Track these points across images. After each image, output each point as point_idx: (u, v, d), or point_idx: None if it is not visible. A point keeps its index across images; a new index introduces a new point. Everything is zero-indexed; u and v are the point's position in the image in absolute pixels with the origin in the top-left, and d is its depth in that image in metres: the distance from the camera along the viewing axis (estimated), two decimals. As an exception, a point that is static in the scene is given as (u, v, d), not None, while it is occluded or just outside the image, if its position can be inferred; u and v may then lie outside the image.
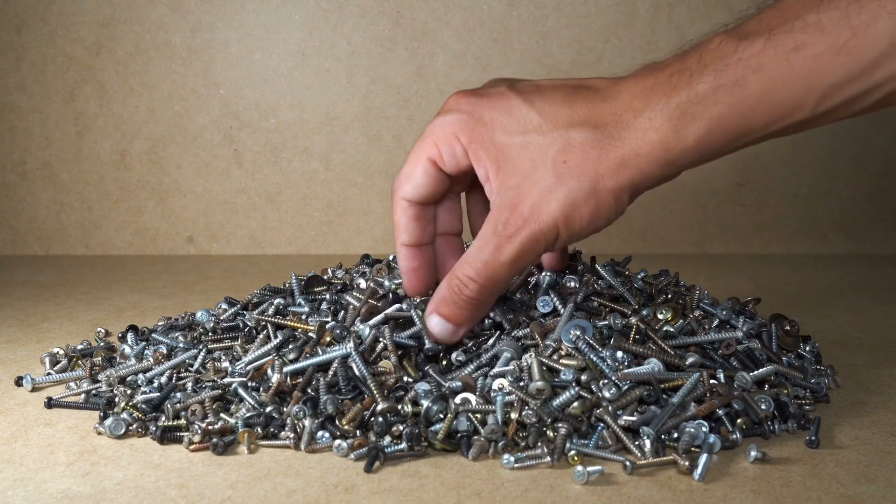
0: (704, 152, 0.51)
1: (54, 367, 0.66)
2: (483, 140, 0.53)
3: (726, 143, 0.51)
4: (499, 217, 0.52)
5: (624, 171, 0.51)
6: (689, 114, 0.49)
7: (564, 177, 0.51)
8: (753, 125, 0.50)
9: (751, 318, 0.65)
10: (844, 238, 1.21)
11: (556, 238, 0.52)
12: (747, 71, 0.48)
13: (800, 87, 0.48)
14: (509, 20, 1.15)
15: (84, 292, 0.96)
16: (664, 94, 0.50)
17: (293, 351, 0.57)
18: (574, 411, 0.50)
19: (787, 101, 0.49)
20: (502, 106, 0.54)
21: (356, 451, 0.49)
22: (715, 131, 0.50)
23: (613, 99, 0.52)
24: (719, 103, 0.49)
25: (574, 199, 0.51)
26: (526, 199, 0.52)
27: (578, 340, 0.54)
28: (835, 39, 0.46)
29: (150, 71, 1.17)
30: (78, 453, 0.50)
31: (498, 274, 0.53)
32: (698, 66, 0.50)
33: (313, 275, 0.72)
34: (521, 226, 0.52)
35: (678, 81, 0.50)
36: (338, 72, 1.17)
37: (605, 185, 0.51)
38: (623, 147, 0.51)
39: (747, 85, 0.48)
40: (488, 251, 0.52)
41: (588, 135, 0.51)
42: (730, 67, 0.48)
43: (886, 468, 0.48)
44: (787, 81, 0.48)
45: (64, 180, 1.20)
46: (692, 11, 1.14)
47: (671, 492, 0.45)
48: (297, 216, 1.20)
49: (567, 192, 0.51)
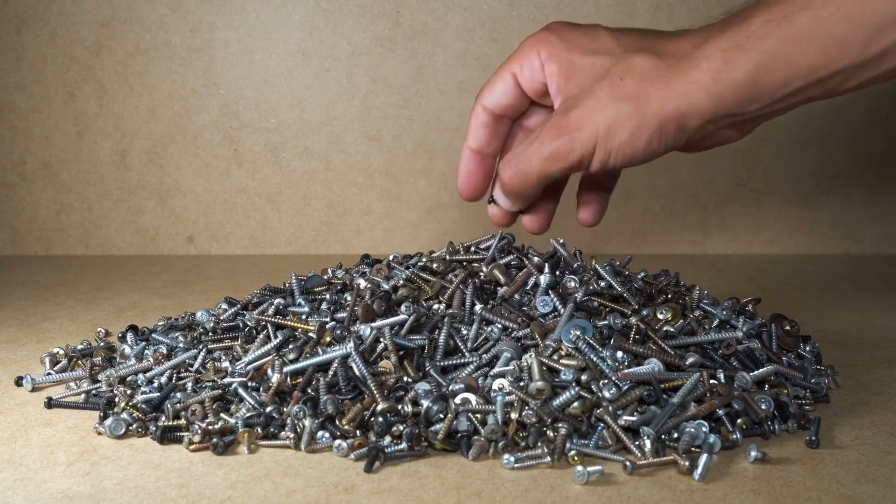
0: (754, 90, 0.52)
1: (54, 367, 0.66)
2: (560, 56, 0.57)
3: (776, 84, 0.52)
4: (551, 119, 0.56)
5: (672, 97, 0.53)
6: (741, 47, 0.52)
7: (617, 95, 0.54)
8: (802, 65, 0.51)
9: (751, 318, 0.65)
10: (844, 238, 1.21)
11: (593, 151, 0.54)
12: (795, 7, 0.50)
13: (845, 26, 0.49)
14: (509, 20, 1.15)
15: (84, 292, 0.96)
16: (720, 31, 0.53)
17: (293, 351, 0.57)
18: (574, 411, 0.50)
19: (833, 40, 0.50)
20: (588, 32, 0.58)
21: (356, 451, 0.49)
22: (764, 66, 0.51)
23: (681, 37, 0.56)
24: (769, 37, 0.51)
25: (619, 114, 0.53)
26: (578, 107, 0.55)
27: (578, 340, 0.54)
28: None
29: (150, 71, 1.17)
30: (78, 453, 0.50)
31: (532, 168, 0.56)
32: (753, 8, 0.53)
33: (313, 275, 0.72)
34: (564, 129, 0.55)
35: (733, 21, 0.53)
36: (338, 72, 1.17)
37: (652, 108, 0.53)
38: (677, 74, 0.53)
39: (795, 19, 0.50)
40: (531, 145, 0.56)
41: (649, 61, 0.54)
42: (779, 5, 0.51)
43: (886, 468, 0.48)
44: (833, 19, 0.49)
45: (64, 180, 1.20)
46: (692, 11, 1.14)
47: (671, 492, 0.45)
48: (297, 216, 1.20)
49: (615, 108, 0.54)
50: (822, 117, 1.18)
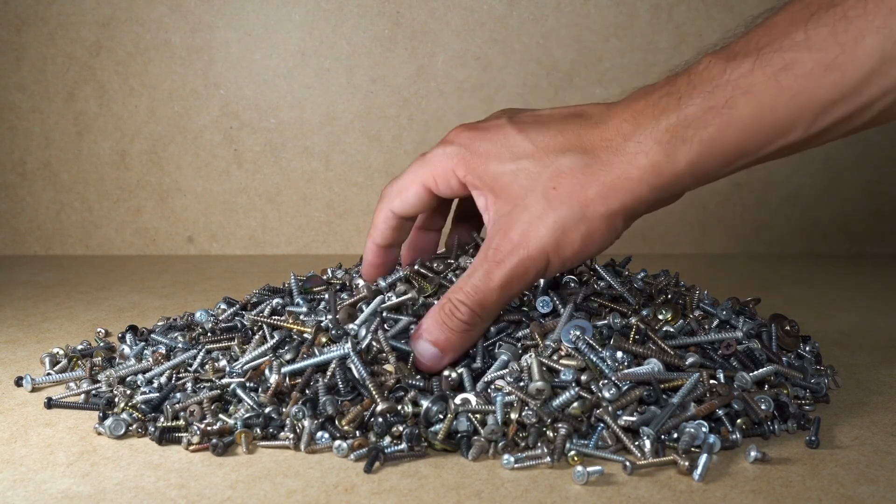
0: (698, 175, 0.50)
1: (54, 367, 0.66)
2: (479, 171, 0.54)
3: (720, 165, 0.50)
4: (490, 243, 0.53)
5: (614, 195, 0.51)
6: (679, 136, 0.49)
7: (554, 203, 0.51)
8: (747, 147, 0.49)
9: (751, 318, 0.65)
10: (844, 238, 1.21)
11: (547, 265, 0.52)
12: (737, 92, 0.48)
13: (791, 107, 0.47)
14: (509, 20, 1.15)
15: (84, 292, 0.96)
16: (653, 117, 0.50)
17: (290, 351, 0.57)
18: (574, 411, 0.50)
19: (779, 122, 0.48)
20: (498, 137, 0.55)
21: (356, 451, 0.49)
22: (707, 154, 0.49)
23: (604, 124, 0.52)
24: (710, 125, 0.48)
25: (563, 225, 0.51)
26: (516, 225, 0.52)
27: (578, 341, 0.54)
28: (823, 56, 0.46)
29: (150, 71, 1.17)
30: (78, 453, 0.50)
31: (488, 299, 0.53)
32: (687, 89, 0.49)
33: (312, 274, 0.72)
34: (510, 251, 0.52)
35: (667, 104, 0.50)
36: (338, 72, 1.17)
37: (595, 210, 0.51)
38: (613, 172, 0.51)
39: (737, 106, 0.48)
40: (479, 276, 0.53)
41: (577, 160, 0.52)
42: (719, 89, 0.48)
43: (886, 468, 0.48)
44: (778, 101, 0.47)
45: (64, 180, 1.20)
46: (692, 11, 1.14)
47: (671, 492, 0.45)
48: (297, 216, 1.20)
49: (556, 219, 0.51)
50: (822, 117, 1.18)
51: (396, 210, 0.60)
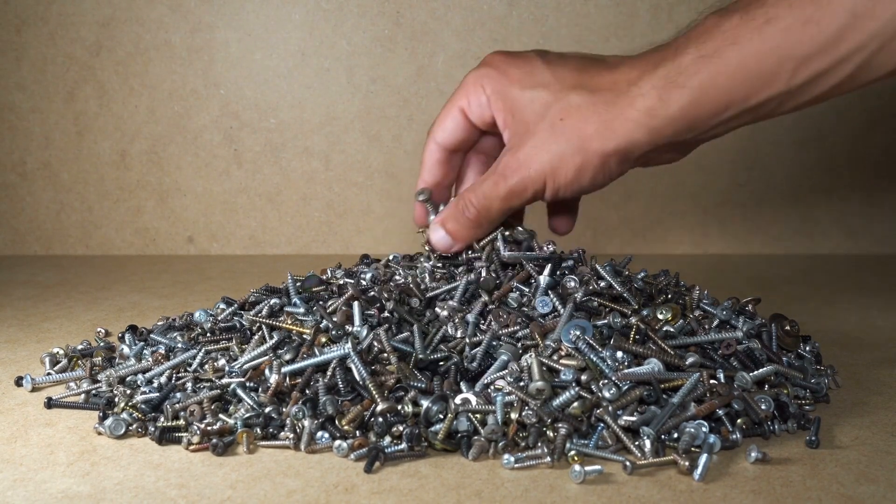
0: (689, 121, 0.55)
1: (54, 367, 0.66)
2: (503, 91, 0.60)
3: (711, 114, 0.55)
4: (502, 157, 0.60)
5: (611, 134, 0.56)
6: (673, 82, 0.54)
7: (558, 133, 0.57)
8: (734, 96, 0.53)
9: (751, 318, 0.64)
10: (844, 238, 1.21)
11: (544, 187, 0.59)
12: (725, 42, 0.53)
13: (773, 59, 0.52)
14: (509, 20, 1.15)
15: (84, 292, 0.96)
16: (654, 64, 0.55)
17: (290, 351, 0.57)
18: (574, 411, 0.50)
19: (762, 72, 0.52)
20: (525, 65, 0.60)
21: (356, 451, 0.49)
22: (697, 101, 0.54)
23: (616, 69, 0.57)
24: (700, 72, 0.53)
25: (562, 154, 0.57)
26: (524, 146, 0.59)
27: (578, 340, 0.54)
28: (800, 13, 0.50)
29: (150, 71, 1.17)
30: (78, 453, 0.50)
31: (493, 205, 0.60)
32: (684, 41, 0.55)
33: (311, 274, 0.72)
34: (515, 169, 0.59)
35: (666, 54, 0.55)
36: (338, 72, 1.17)
37: (591, 145, 0.57)
38: (613, 112, 0.56)
39: (725, 55, 0.53)
40: (488, 184, 0.60)
41: (586, 98, 0.57)
42: (710, 40, 0.53)
43: (886, 468, 0.48)
44: (761, 52, 0.52)
45: (64, 180, 1.20)
46: (692, 11, 1.14)
47: (671, 492, 0.45)
48: (297, 216, 1.20)
49: (557, 148, 0.57)
50: (821, 117, 1.18)
51: (440, 140, 0.65)
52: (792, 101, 0.54)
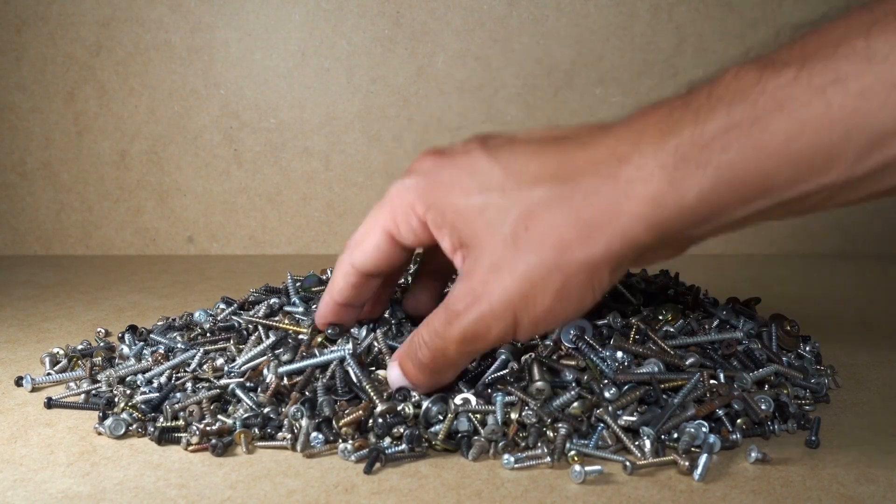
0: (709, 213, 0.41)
1: (54, 367, 0.66)
2: (440, 205, 0.46)
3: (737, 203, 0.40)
4: (453, 288, 0.46)
5: (599, 236, 0.41)
6: (692, 160, 0.39)
7: (524, 247, 0.43)
8: (774, 181, 0.39)
9: (751, 318, 0.65)
10: (843, 238, 1.21)
11: (515, 324, 0.44)
12: (771, 107, 0.38)
13: (838, 131, 0.37)
14: (509, 20, 1.15)
15: (84, 292, 0.96)
16: (660, 134, 0.40)
17: (288, 352, 0.57)
18: (574, 411, 0.50)
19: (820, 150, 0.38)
20: (465, 164, 0.46)
21: (357, 452, 0.49)
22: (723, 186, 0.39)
23: (594, 145, 0.43)
24: (731, 148, 0.39)
25: (532, 275, 0.43)
26: (478, 271, 0.44)
27: (578, 340, 0.54)
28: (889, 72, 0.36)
29: (150, 71, 1.17)
30: (78, 453, 0.50)
31: (448, 349, 0.47)
32: (707, 101, 0.40)
33: (311, 274, 0.72)
34: (470, 303, 0.44)
35: (680, 118, 0.40)
36: (338, 72, 1.17)
37: (573, 256, 0.42)
38: (598, 205, 0.41)
39: (769, 125, 0.38)
40: (439, 322, 0.46)
41: (555, 192, 0.42)
42: (748, 102, 0.38)
43: (886, 468, 0.48)
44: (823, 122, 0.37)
45: (64, 180, 1.20)
46: (692, 11, 1.14)
47: (671, 492, 0.45)
48: (297, 216, 1.20)
49: (525, 268, 0.43)
50: (822, 117, 1.18)
51: (357, 264, 0.51)
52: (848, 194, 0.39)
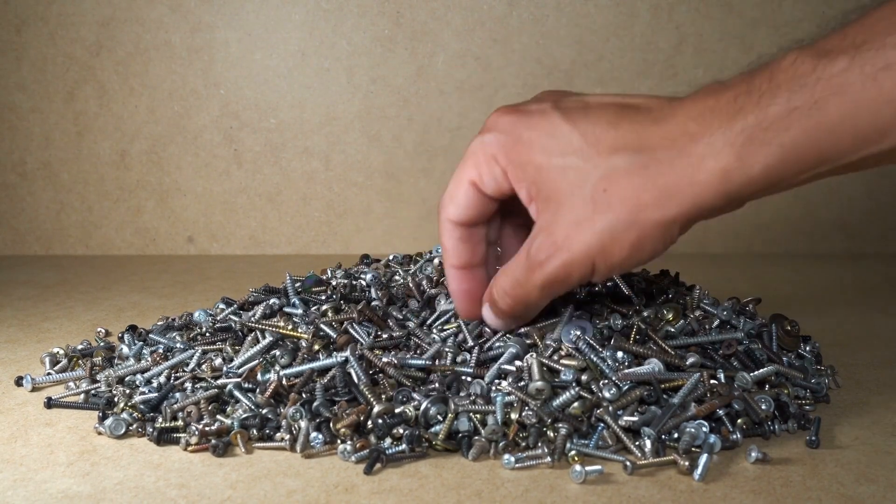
0: (771, 183, 0.46)
1: (54, 367, 0.66)
2: (522, 161, 0.50)
3: (797, 172, 0.45)
4: (532, 240, 0.50)
5: (673, 202, 0.47)
6: (758, 139, 0.44)
7: (603, 206, 0.47)
8: (831, 153, 0.44)
9: (751, 318, 0.64)
10: (844, 238, 1.21)
11: (593, 270, 0.49)
12: (827, 92, 0.43)
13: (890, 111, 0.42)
14: (509, 20, 1.15)
15: (84, 292, 0.96)
16: (728, 116, 0.45)
17: (286, 355, 0.57)
18: (574, 411, 0.50)
19: (873, 127, 0.43)
20: (543, 125, 0.50)
21: (357, 453, 0.49)
22: (786, 160, 0.44)
23: (666, 121, 0.47)
24: (793, 128, 0.44)
25: (612, 230, 0.47)
26: (561, 225, 0.49)
27: (579, 340, 0.54)
28: None
29: (150, 71, 1.17)
30: (78, 453, 0.50)
31: (529, 296, 0.51)
32: (769, 86, 0.44)
33: (311, 275, 0.72)
34: (552, 253, 0.49)
35: (745, 103, 0.45)
36: (338, 72, 1.17)
37: (648, 216, 0.47)
38: (673, 175, 0.46)
39: (827, 108, 0.43)
40: (520, 273, 0.51)
41: (633, 160, 0.47)
42: (807, 88, 0.43)
43: (886, 468, 0.48)
44: (876, 104, 0.42)
45: (64, 180, 1.20)
46: (692, 11, 1.14)
47: (671, 492, 0.45)
48: (297, 216, 1.20)
49: (605, 224, 0.47)
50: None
51: (453, 217, 0.54)
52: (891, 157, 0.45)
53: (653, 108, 0.49)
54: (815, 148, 0.44)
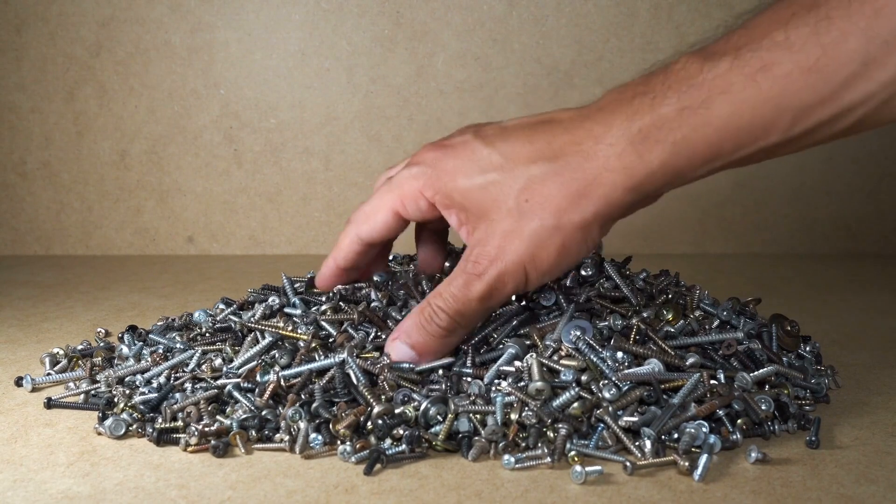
0: (672, 176, 0.49)
1: (54, 367, 0.66)
2: (447, 189, 0.54)
3: (695, 166, 0.49)
4: (469, 254, 0.53)
5: (587, 201, 0.50)
6: (652, 137, 0.48)
7: (527, 215, 0.51)
8: (722, 149, 0.48)
9: (751, 318, 0.64)
10: (844, 238, 1.21)
11: (525, 278, 0.52)
12: (713, 92, 0.47)
13: (769, 109, 0.46)
14: (509, 20, 1.15)
15: (84, 292, 0.96)
16: (626, 117, 0.49)
17: (285, 355, 0.57)
18: (574, 412, 0.50)
19: (755, 124, 0.47)
20: (464, 153, 0.53)
21: (357, 453, 0.49)
22: (680, 155, 0.48)
23: (574, 129, 0.51)
24: (683, 126, 0.47)
25: (538, 237, 0.51)
26: (493, 238, 0.52)
27: (579, 341, 0.54)
28: (804, 58, 0.45)
29: (150, 71, 1.17)
30: (78, 453, 0.50)
31: (468, 309, 0.53)
32: (662, 88, 0.48)
33: (312, 275, 0.72)
34: (488, 265, 0.52)
35: (640, 104, 0.49)
36: (338, 72, 1.17)
37: (569, 218, 0.50)
38: (584, 177, 0.50)
39: (713, 107, 0.47)
40: (458, 285, 0.53)
41: (548, 168, 0.50)
42: (694, 88, 0.47)
43: (886, 468, 0.48)
44: (755, 103, 0.46)
45: (64, 180, 1.20)
46: (692, 11, 1.14)
47: (671, 492, 0.45)
48: (297, 216, 1.20)
49: (531, 231, 0.51)
50: (822, 117, 1.18)
51: (364, 236, 0.60)
52: (787, 148, 0.49)
53: (563, 119, 0.52)
54: (706, 143, 0.48)
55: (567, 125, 0.51)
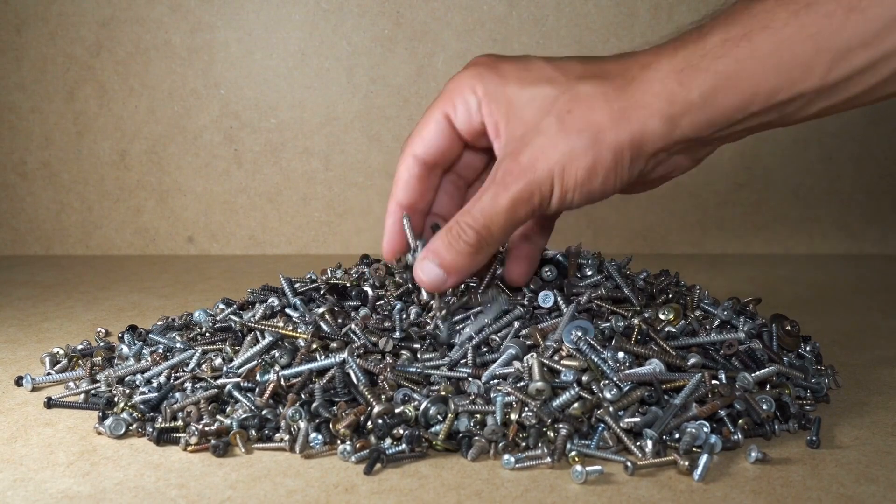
0: (710, 111, 0.49)
1: (54, 367, 0.66)
2: (497, 92, 0.53)
3: (734, 105, 0.49)
4: (499, 165, 0.52)
5: (625, 123, 0.50)
6: (695, 66, 0.49)
7: (567, 127, 0.51)
8: (761, 87, 0.48)
9: (751, 318, 0.64)
10: (844, 238, 1.21)
11: (551, 192, 0.51)
12: (755, 26, 0.48)
13: (809, 47, 0.47)
14: (509, 20, 1.15)
15: (84, 292, 0.96)
16: (673, 48, 0.50)
17: (285, 355, 0.57)
18: (575, 412, 0.50)
19: (796, 62, 0.47)
20: (521, 61, 0.54)
21: (357, 453, 0.49)
22: (720, 88, 0.49)
23: (626, 58, 0.52)
24: (726, 56, 0.48)
25: (573, 149, 0.51)
26: (527, 148, 0.51)
27: (580, 341, 0.54)
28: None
29: (150, 71, 1.17)
30: (78, 453, 0.50)
31: (494, 222, 0.52)
32: (710, 23, 0.50)
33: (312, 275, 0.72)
34: (518, 175, 0.51)
35: (688, 37, 0.50)
36: (338, 72, 1.17)
37: (605, 137, 0.50)
38: (627, 99, 0.50)
39: (754, 40, 0.48)
40: (486, 199, 0.52)
41: (596, 87, 0.51)
42: (738, 23, 0.48)
43: (886, 468, 0.48)
44: (797, 39, 0.47)
45: (64, 180, 1.20)
46: (692, 12, 1.14)
47: (671, 492, 0.45)
48: (297, 216, 1.20)
49: (566, 144, 0.51)
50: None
51: (419, 152, 0.57)
52: (823, 100, 0.49)
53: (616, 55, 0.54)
54: (749, 77, 0.48)
55: (618, 57, 0.53)
